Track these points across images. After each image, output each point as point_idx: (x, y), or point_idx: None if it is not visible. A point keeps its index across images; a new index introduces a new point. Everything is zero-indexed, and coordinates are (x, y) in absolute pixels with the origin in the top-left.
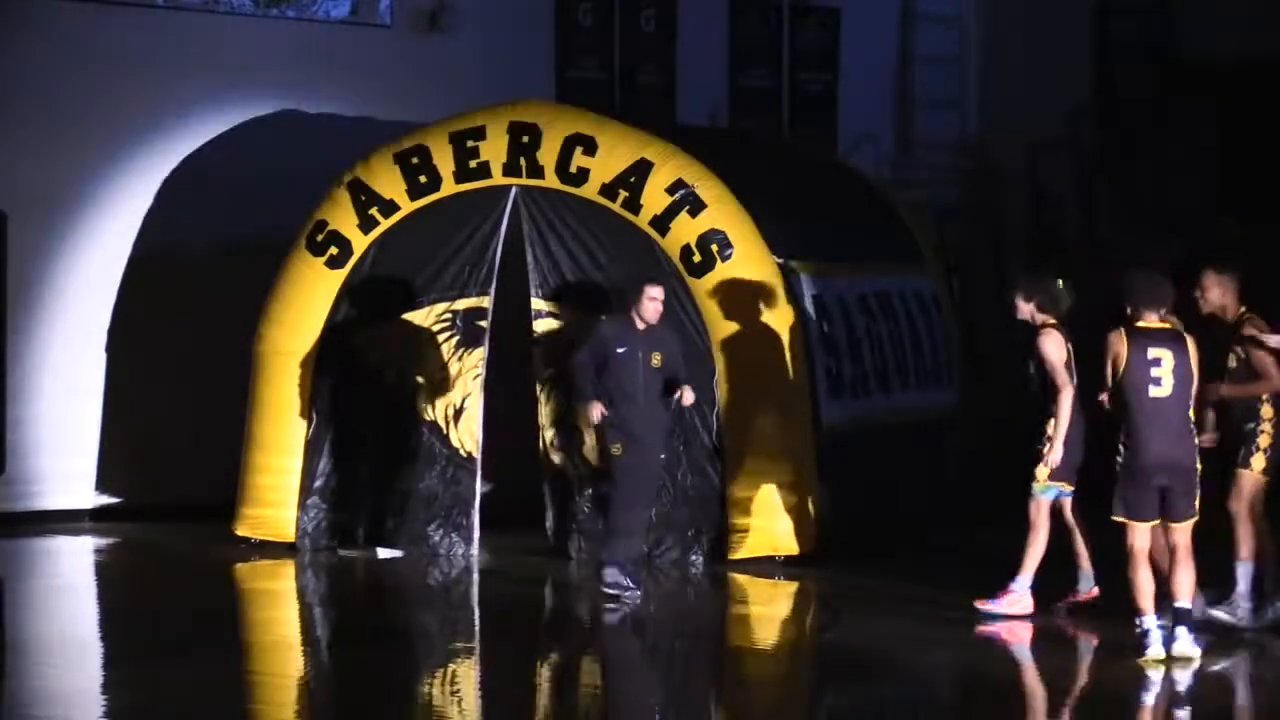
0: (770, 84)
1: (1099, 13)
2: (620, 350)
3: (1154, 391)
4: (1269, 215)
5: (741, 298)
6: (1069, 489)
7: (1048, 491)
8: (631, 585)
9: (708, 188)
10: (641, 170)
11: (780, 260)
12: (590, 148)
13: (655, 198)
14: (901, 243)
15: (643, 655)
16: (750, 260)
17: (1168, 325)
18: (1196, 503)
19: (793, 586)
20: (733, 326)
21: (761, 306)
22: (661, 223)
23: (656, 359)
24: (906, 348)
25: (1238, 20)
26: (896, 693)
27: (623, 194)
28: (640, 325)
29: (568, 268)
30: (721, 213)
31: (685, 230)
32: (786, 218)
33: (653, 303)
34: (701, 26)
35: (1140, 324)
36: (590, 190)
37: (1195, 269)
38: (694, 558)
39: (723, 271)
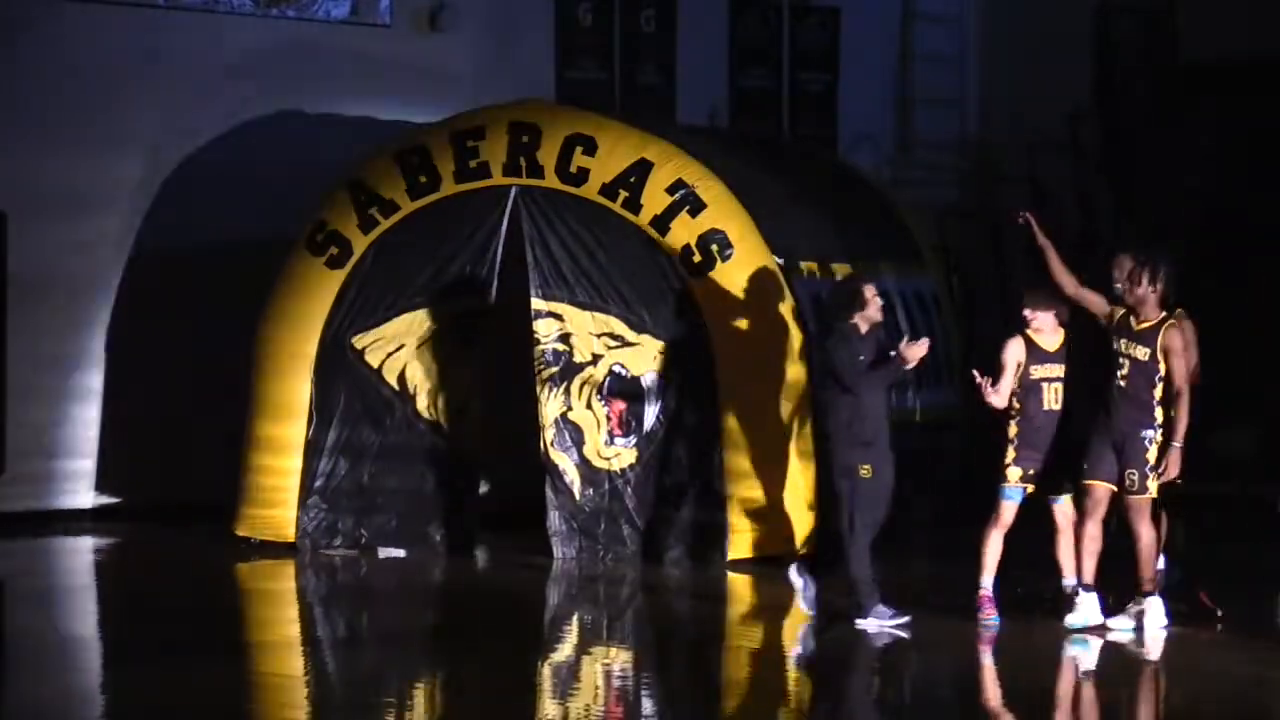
0: (770, 84)
1: (1100, 13)
2: (863, 359)
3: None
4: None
5: (742, 297)
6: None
7: (1013, 492)
8: (893, 613)
9: (708, 187)
10: (641, 170)
11: (780, 260)
12: (590, 148)
13: (655, 198)
14: (901, 242)
15: (641, 658)
16: (750, 260)
17: None
18: None
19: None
20: (733, 326)
21: (762, 306)
22: (662, 223)
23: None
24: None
25: (1239, 21)
26: (894, 693)
27: (623, 194)
28: (864, 329)
29: (568, 268)
30: (721, 212)
31: (685, 230)
32: (786, 217)
33: (876, 300)
34: (701, 26)
35: None
36: (590, 190)
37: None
38: (695, 558)
39: (723, 271)
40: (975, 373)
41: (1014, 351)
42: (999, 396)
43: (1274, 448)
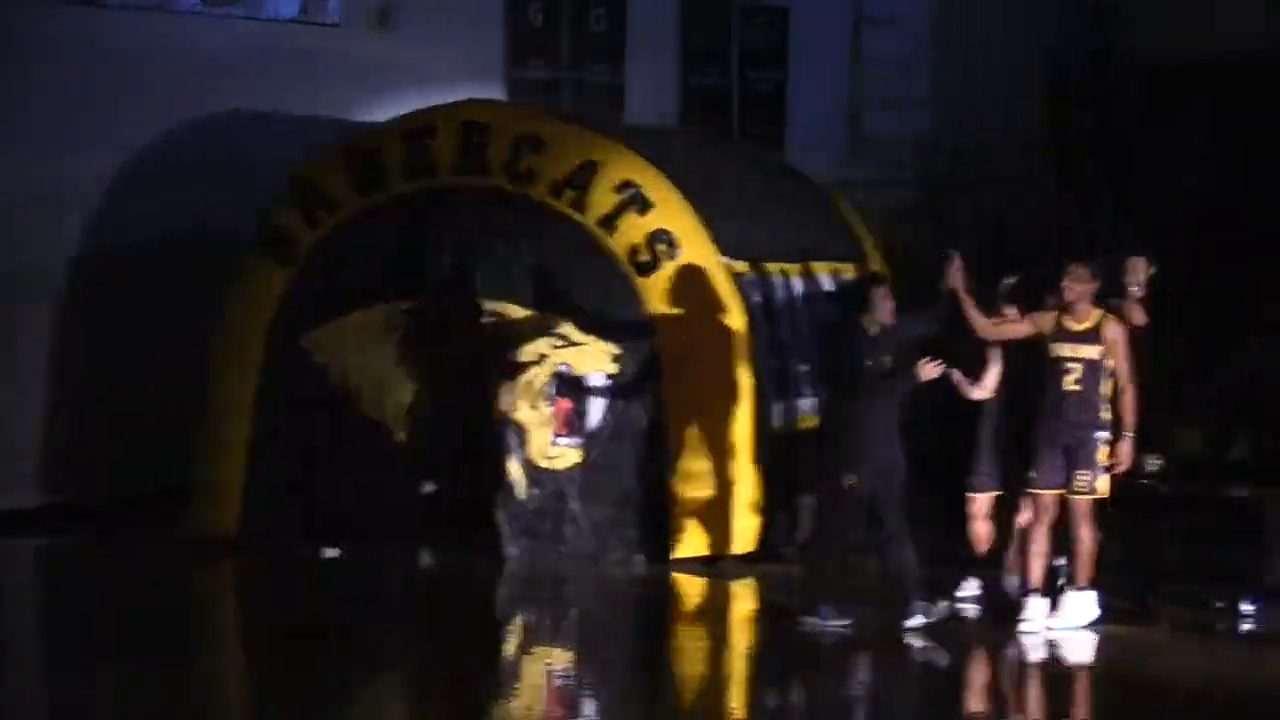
0: (720, 83)
1: (1053, 15)
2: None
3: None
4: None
5: (688, 297)
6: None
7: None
8: (837, 613)
9: (656, 187)
10: (590, 170)
11: (728, 260)
12: (539, 147)
13: (603, 197)
14: (849, 244)
15: (580, 657)
16: (698, 260)
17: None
18: None
19: (738, 585)
20: (680, 326)
21: (708, 306)
22: (609, 222)
23: (888, 361)
24: None
25: (1195, 22)
26: (838, 690)
27: (571, 193)
28: (873, 330)
29: (515, 267)
30: (669, 212)
31: (633, 230)
32: (735, 218)
33: (886, 302)
34: (651, 26)
35: None
36: (538, 190)
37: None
38: (638, 557)
39: (670, 271)
40: (953, 371)
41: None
42: (983, 390)
43: (1271, 450)
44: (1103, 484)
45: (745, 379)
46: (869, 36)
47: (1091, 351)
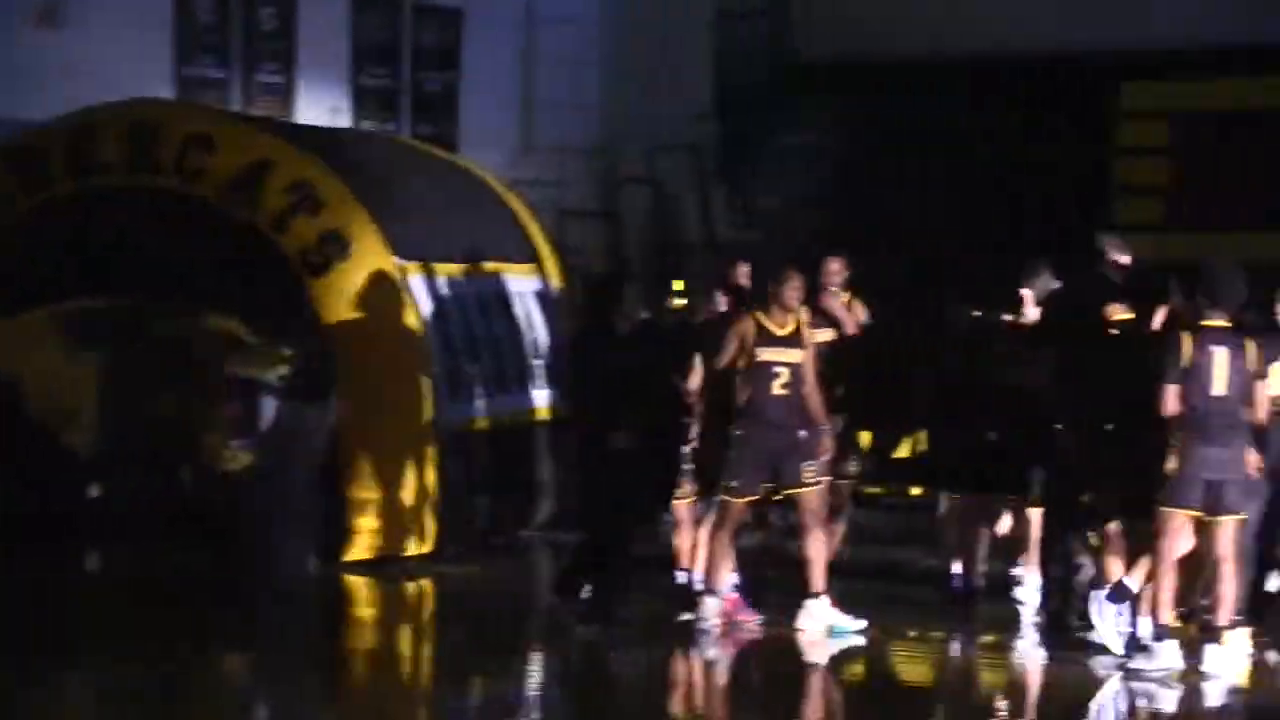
0: (391, 83)
1: (718, 15)
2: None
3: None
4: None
5: (361, 298)
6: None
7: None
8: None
9: (327, 187)
10: (260, 169)
11: (400, 260)
12: (209, 146)
13: (274, 197)
14: (522, 243)
15: (253, 661)
16: (370, 260)
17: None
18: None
19: (412, 587)
20: (352, 327)
21: (381, 306)
22: (280, 222)
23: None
24: (527, 348)
25: (854, 22)
26: (514, 690)
27: (241, 193)
28: (623, 327)
29: (184, 268)
30: (341, 212)
31: (304, 230)
32: (407, 217)
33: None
34: (322, 25)
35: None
36: (209, 189)
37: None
38: (311, 559)
39: (342, 271)
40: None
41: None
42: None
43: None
44: (817, 477)
45: (419, 379)
46: (541, 37)
47: (796, 355)
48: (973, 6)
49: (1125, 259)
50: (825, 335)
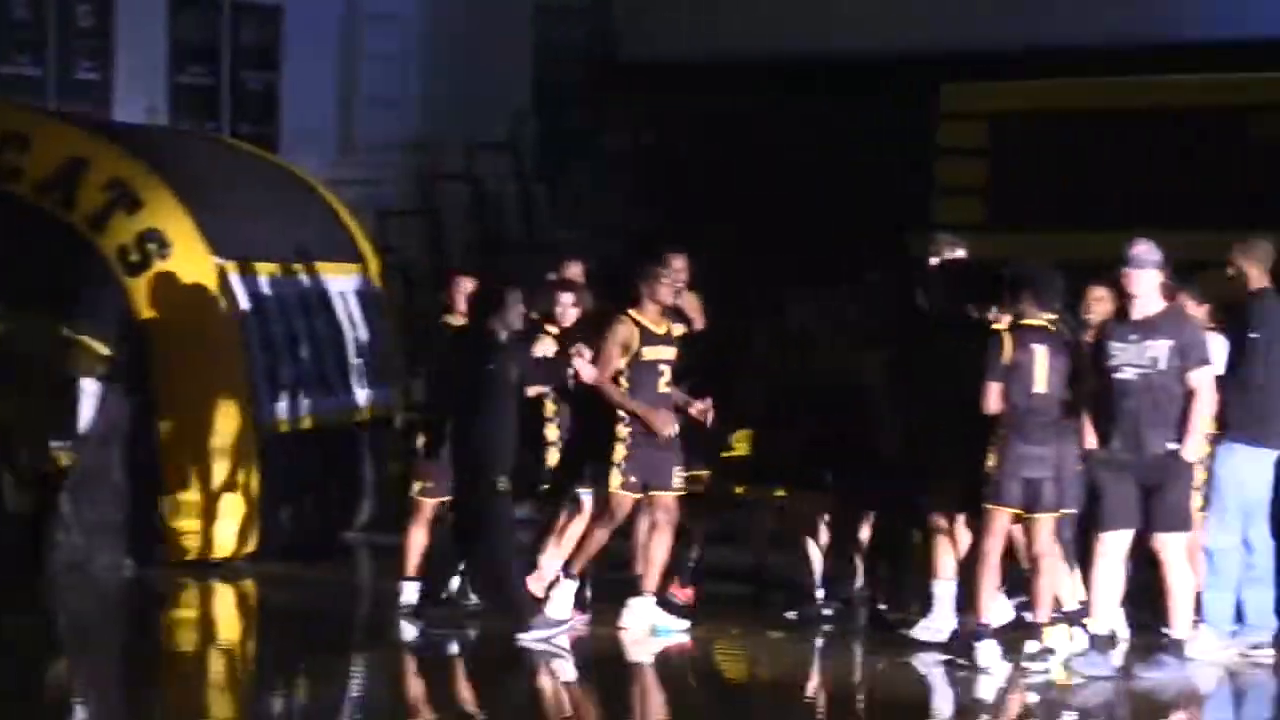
0: (210, 82)
1: (538, 11)
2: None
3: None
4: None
5: (180, 297)
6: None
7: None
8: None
9: (145, 186)
10: (77, 168)
11: (219, 259)
12: (24, 145)
13: (91, 196)
14: (342, 242)
15: (70, 664)
16: (189, 259)
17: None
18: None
19: (233, 588)
20: (171, 326)
21: (200, 306)
22: (98, 221)
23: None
24: (348, 347)
25: (673, 21)
26: (328, 693)
27: (58, 192)
28: (503, 335)
29: (2, 267)
30: (159, 211)
31: (122, 228)
32: (226, 216)
33: (519, 307)
34: (140, 23)
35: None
36: (23, 188)
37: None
38: (127, 562)
39: (160, 270)
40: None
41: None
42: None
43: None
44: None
45: (238, 380)
46: (361, 35)
47: (671, 353)
48: (794, 7)
49: (956, 256)
50: (678, 331)
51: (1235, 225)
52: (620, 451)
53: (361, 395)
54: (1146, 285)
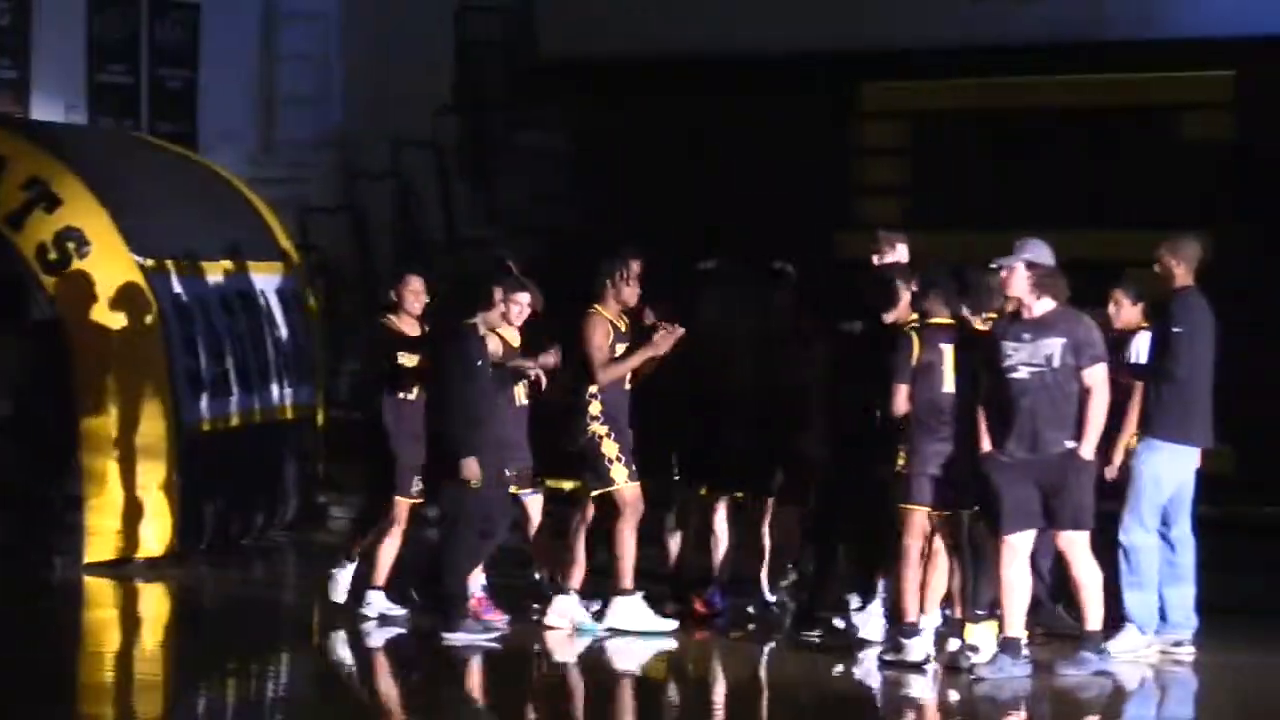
0: (129, 80)
1: (460, 10)
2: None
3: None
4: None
5: (100, 296)
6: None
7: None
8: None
9: (64, 185)
10: None
11: (140, 258)
12: None
13: (9, 194)
14: (265, 241)
15: None
16: (109, 258)
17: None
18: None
19: (155, 589)
20: (91, 325)
21: (121, 305)
22: (17, 219)
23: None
24: (270, 346)
25: (595, 20)
26: (258, 691)
27: None
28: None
29: None
30: (78, 209)
31: (41, 227)
32: (147, 215)
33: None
34: (58, 21)
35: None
36: None
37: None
38: (55, 560)
39: (80, 269)
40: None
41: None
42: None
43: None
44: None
45: (158, 378)
46: (281, 32)
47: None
48: (717, 6)
49: (892, 258)
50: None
51: (1157, 224)
52: (612, 447)
53: (284, 394)
54: (1018, 285)
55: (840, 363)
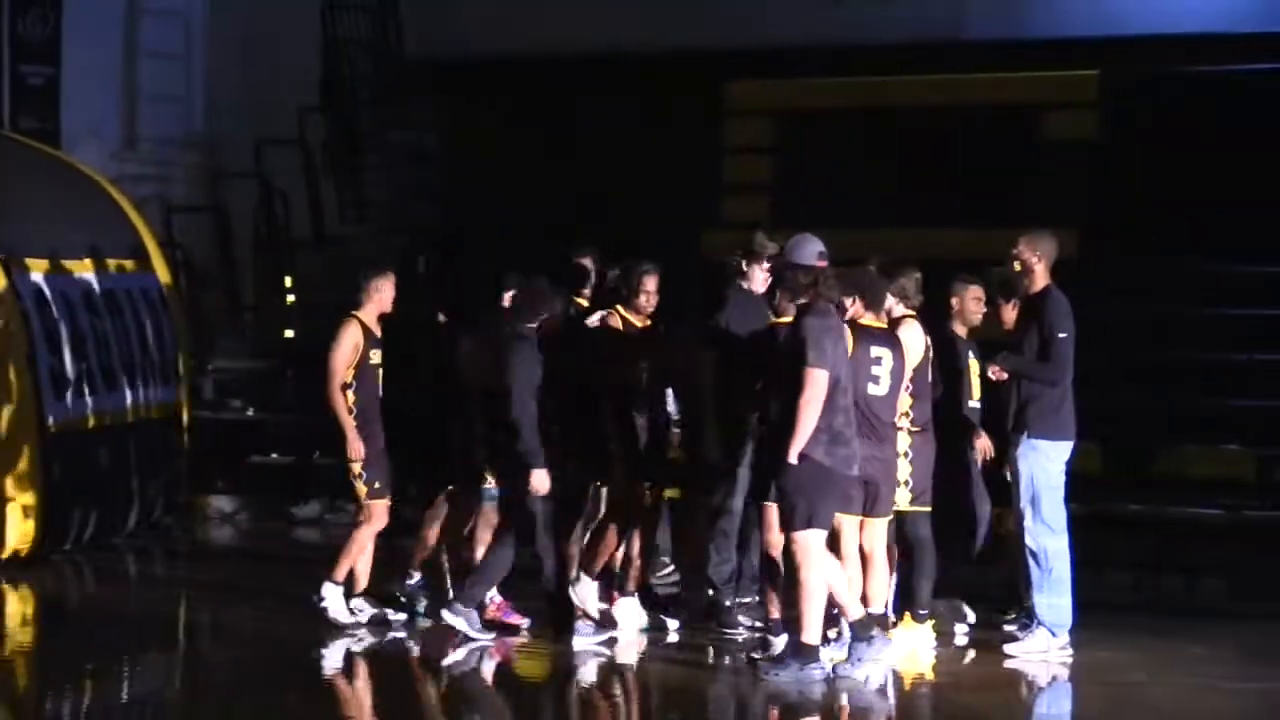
0: None
1: (326, 9)
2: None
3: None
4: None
5: None
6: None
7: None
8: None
9: None
10: None
11: (1, 256)
12: None
13: None
14: (128, 239)
15: None
16: None
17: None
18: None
19: (19, 590)
20: None
21: None
22: None
23: None
24: (134, 345)
25: (462, 19)
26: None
27: None
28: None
29: None
30: None
31: None
32: (8, 213)
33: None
34: None
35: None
36: None
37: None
38: None
39: None
40: None
41: None
42: None
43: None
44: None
45: (21, 378)
46: (144, 28)
47: None
48: (581, 5)
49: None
50: None
51: (1020, 223)
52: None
53: (148, 393)
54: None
55: (729, 362)
